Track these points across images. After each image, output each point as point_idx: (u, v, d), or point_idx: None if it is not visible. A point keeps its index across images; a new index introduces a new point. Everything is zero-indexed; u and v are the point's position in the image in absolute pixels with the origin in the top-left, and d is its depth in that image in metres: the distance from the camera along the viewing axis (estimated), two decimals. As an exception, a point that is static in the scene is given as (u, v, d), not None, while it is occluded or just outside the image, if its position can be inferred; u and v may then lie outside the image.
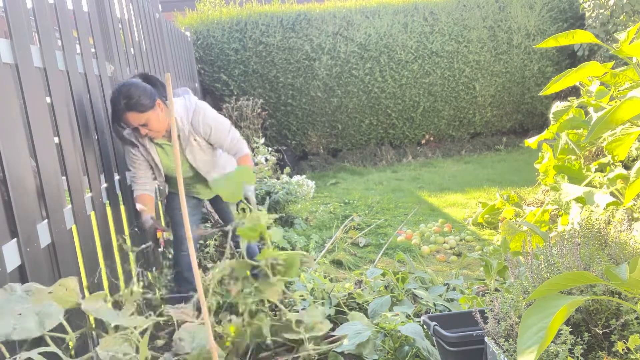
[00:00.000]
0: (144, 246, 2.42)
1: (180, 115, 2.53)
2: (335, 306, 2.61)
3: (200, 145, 2.63)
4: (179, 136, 2.58)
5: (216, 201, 3.00)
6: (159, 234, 2.42)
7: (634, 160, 3.23)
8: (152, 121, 2.40)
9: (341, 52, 7.44)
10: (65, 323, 1.62)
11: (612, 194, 3.03)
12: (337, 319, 2.52)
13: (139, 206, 2.57)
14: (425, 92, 7.73)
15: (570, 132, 3.59)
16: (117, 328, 1.73)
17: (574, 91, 6.71)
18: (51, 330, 1.57)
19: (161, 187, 2.86)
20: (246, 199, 2.31)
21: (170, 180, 2.79)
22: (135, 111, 2.34)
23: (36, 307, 1.44)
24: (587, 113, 3.55)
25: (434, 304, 2.53)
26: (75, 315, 1.82)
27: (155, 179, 2.70)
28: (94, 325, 2.05)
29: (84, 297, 1.78)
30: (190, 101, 2.59)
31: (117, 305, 2.34)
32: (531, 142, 4.08)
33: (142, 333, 1.78)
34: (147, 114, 2.37)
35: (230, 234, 2.10)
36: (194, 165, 2.68)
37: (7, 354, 1.42)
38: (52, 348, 1.49)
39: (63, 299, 1.58)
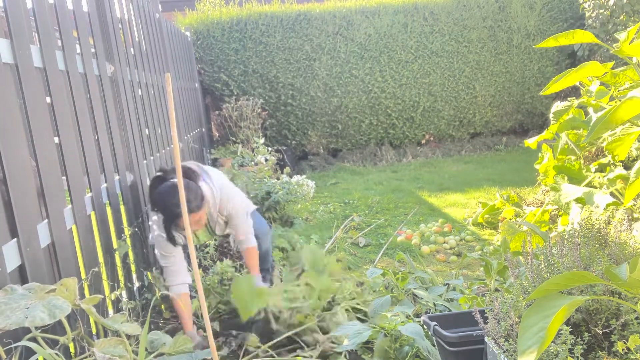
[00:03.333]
0: None
1: (209, 203, 2.56)
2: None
3: (224, 220, 2.76)
4: (208, 221, 2.73)
5: None
6: None
7: (634, 160, 3.23)
8: (203, 215, 2.44)
9: (341, 52, 7.44)
10: (64, 321, 1.62)
11: (612, 194, 3.04)
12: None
13: (184, 322, 2.45)
14: (425, 92, 7.73)
15: (570, 132, 3.59)
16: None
17: (574, 91, 6.72)
18: (45, 332, 1.57)
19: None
20: None
21: None
22: (195, 212, 2.35)
23: (42, 301, 1.45)
24: (587, 113, 3.55)
25: (434, 304, 2.53)
26: (69, 316, 1.82)
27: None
28: (93, 326, 2.05)
29: (83, 296, 1.78)
30: (215, 186, 2.60)
31: (116, 304, 2.35)
32: (531, 142, 4.08)
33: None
34: (202, 210, 2.40)
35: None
36: (218, 233, 2.87)
37: (3, 355, 1.42)
38: (49, 351, 1.50)
39: (64, 297, 1.58)
